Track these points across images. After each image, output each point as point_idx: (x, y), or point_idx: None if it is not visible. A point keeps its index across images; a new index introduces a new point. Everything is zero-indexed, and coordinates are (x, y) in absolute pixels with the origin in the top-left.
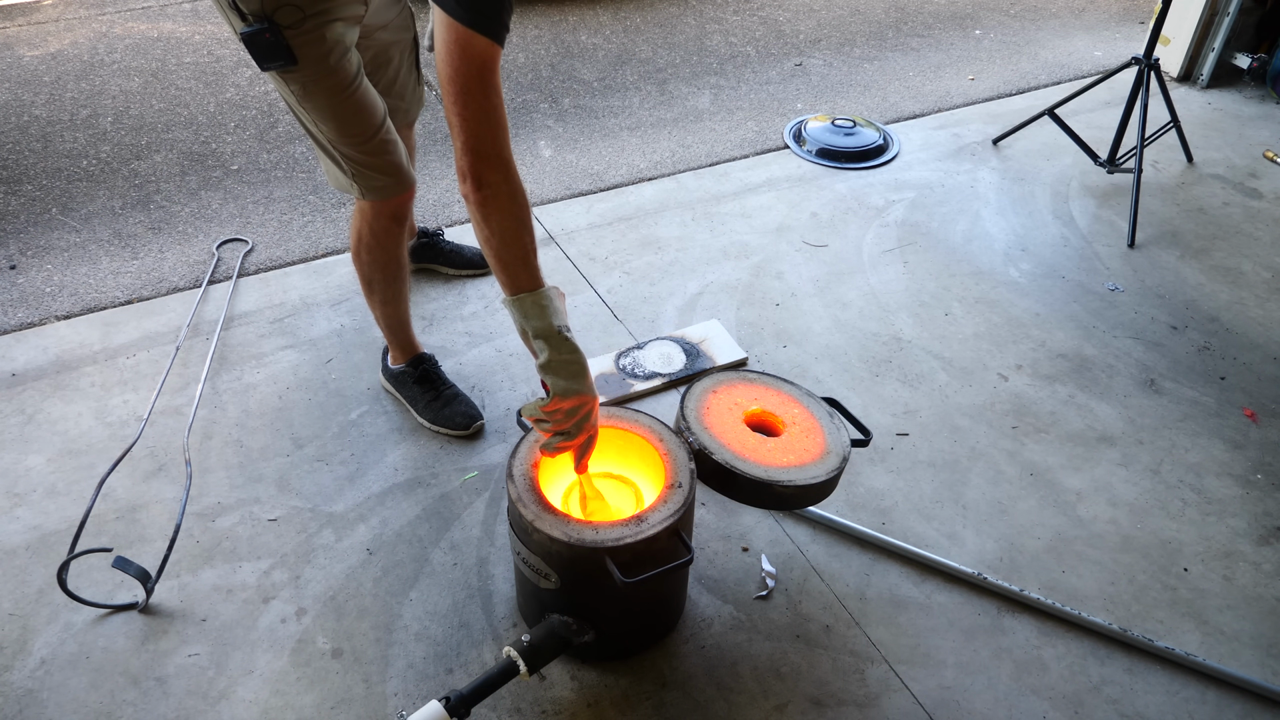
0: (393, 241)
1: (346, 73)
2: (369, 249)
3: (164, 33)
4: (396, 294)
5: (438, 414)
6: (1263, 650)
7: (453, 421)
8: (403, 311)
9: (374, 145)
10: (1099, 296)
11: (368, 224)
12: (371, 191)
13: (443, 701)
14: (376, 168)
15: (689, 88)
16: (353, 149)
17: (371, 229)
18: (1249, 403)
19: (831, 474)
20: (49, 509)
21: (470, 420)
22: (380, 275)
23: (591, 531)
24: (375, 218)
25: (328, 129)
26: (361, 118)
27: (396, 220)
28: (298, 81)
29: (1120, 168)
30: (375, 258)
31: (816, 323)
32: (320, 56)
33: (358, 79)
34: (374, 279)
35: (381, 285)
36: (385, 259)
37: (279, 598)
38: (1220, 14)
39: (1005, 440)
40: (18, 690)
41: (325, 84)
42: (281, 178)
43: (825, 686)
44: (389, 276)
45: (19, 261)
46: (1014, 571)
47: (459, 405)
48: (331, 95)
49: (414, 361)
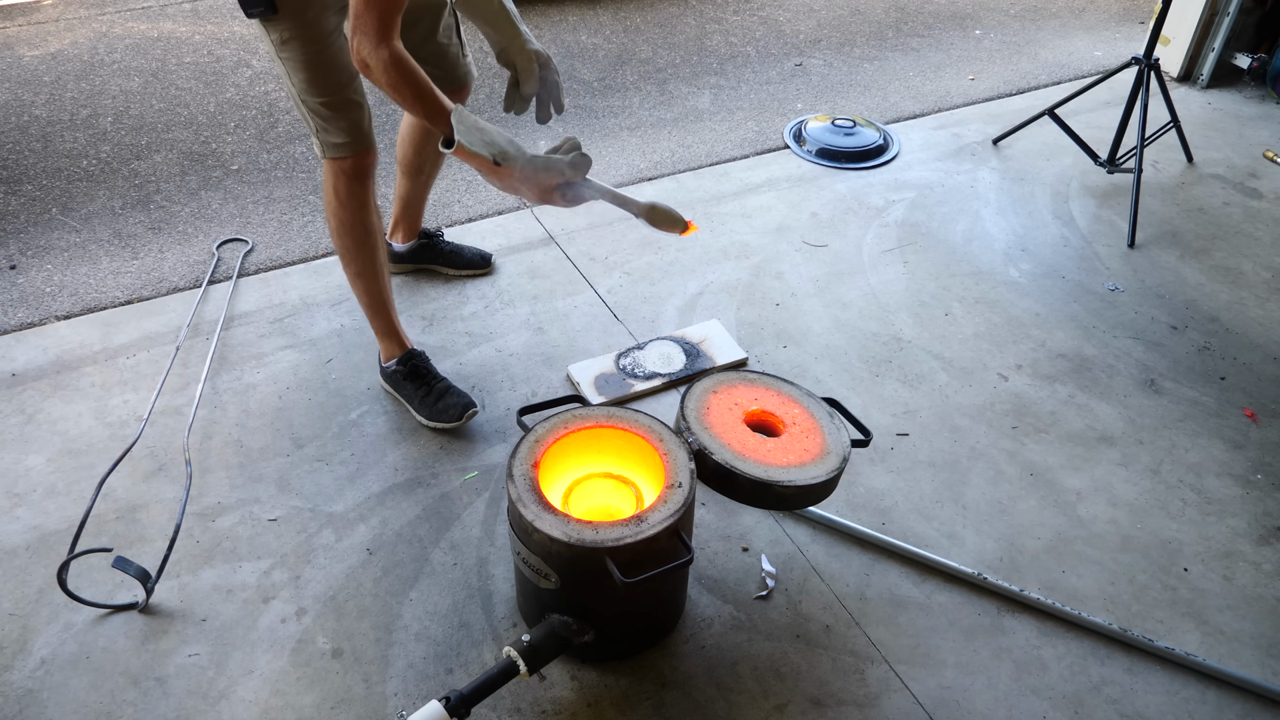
0: (357, 204)
1: (322, 28)
2: (335, 212)
3: (164, 33)
4: (369, 266)
5: (431, 409)
6: (1263, 650)
7: (446, 415)
8: (379, 291)
9: (338, 101)
10: (1099, 296)
11: (331, 184)
12: (330, 148)
13: (443, 701)
14: (337, 124)
15: (689, 88)
16: (318, 102)
17: (335, 189)
18: (1249, 403)
19: (831, 474)
20: (49, 509)
21: (463, 410)
22: (351, 243)
23: (591, 531)
24: (336, 176)
25: (299, 79)
26: (330, 73)
27: (358, 179)
28: (277, 30)
29: (1120, 168)
30: (342, 220)
31: (816, 323)
32: (299, 9)
33: (333, 36)
34: (346, 248)
35: (354, 255)
36: (352, 221)
37: (279, 598)
38: (1220, 14)
39: (1005, 440)
40: (18, 690)
41: (302, 36)
42: (281, 178)
43: (825, 686)
44: (359, 243)
45: (19, 261)
46: (1014, 571)
47: (451, 397)
48: (305, 47)
49: (404, 358)
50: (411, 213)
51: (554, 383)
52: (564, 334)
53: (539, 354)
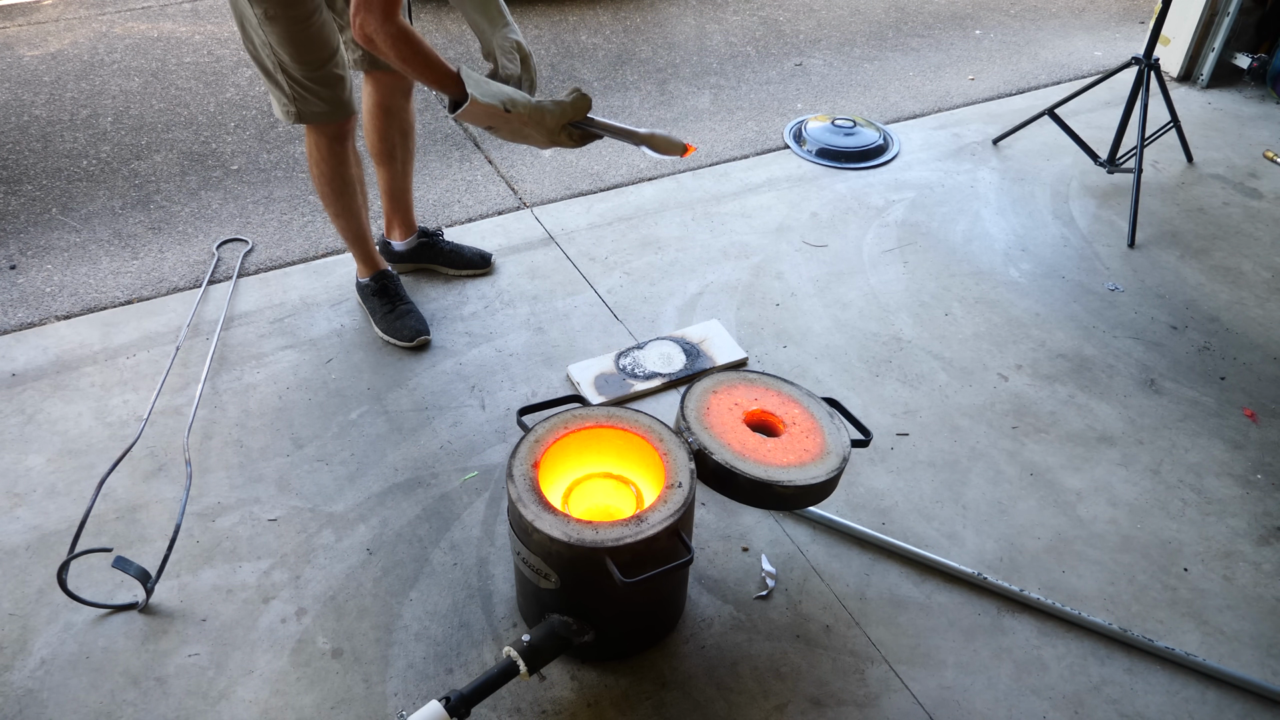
0: (336, 160)
1: (306, 6)
2: (315, 165)
3: (164, 33)
4: (347, 209)
5: (390, 325)
6: (1263, 650)
7: (400, 333)
8: (356, 226)
9: (322, 75)
10: (1099, 296)
11: (313, 143)
12: (310, 116)
13: (443, 701)
14: (319, 95)
15: (689, 88)
16: (302, 74)
17: (316, 147)
18: (1249, 403)
19: (831, 474)
20: (49, 509)
21: (415, 334)
22: (329, 190)
23: (591, 531)
24: (317, 138)
25: (285, 53)
26: (315, 48)
27: (337, 141)
28: (261, 5)
29: (1120, 168)
30: (322, 173)
31: (816, 323)
32: None
33: (317, 14)
34: (325, 194)
35: (332, 200)
36: (330, 175)
37: (279, 598)
38: (1220, 14)
39: (1005, 440)
40: (18, 690)
41: (287, 13)
42: (281, 178)
43: (825, 686)
44: (336, 191)
45: (19, 261)
46: (1014, 571)
47: (409, 320)
48: (291, 25)
49: (376, 276)
50: (400, 205)
51: (554, 383)
52: (564, 334)
53: (539, 354)
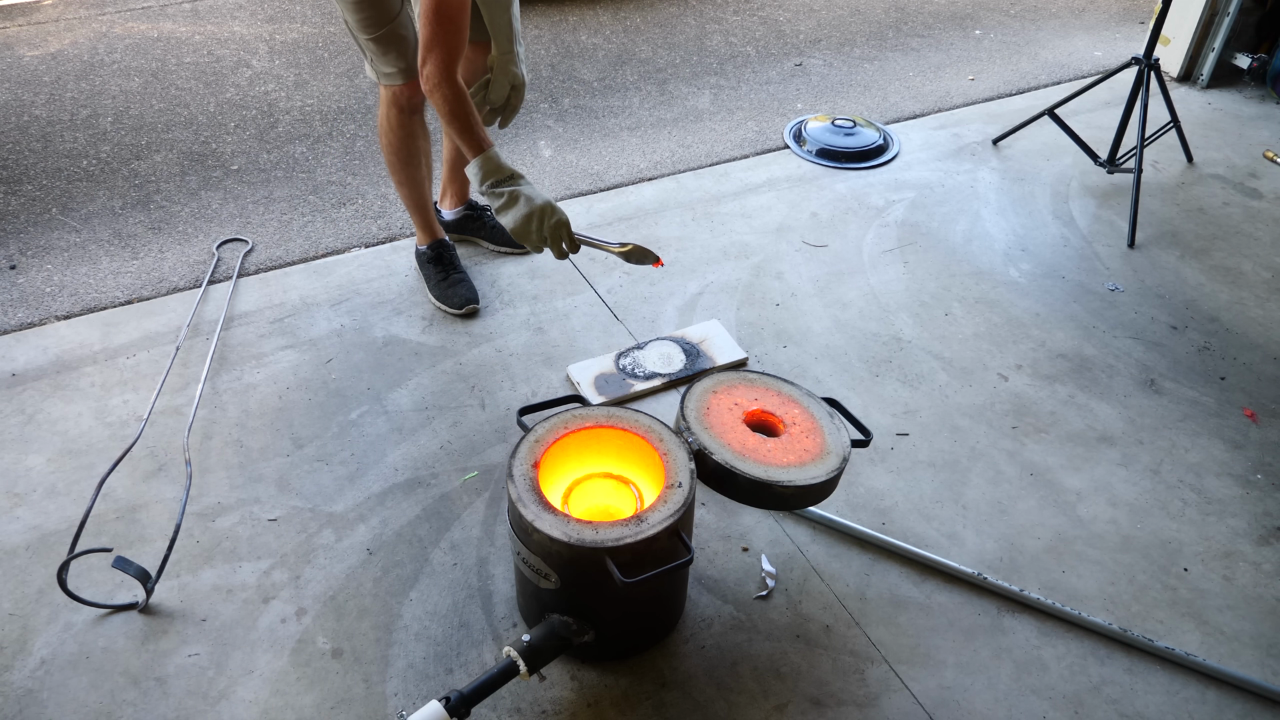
0: (403, 130)
1: None
2: (383, 133)
3: (164, 33)
4: (411, 178)
5: (442, 292)
6: (1263, 650)
7: (450, 300)
8: (419, 196)
9: (381, 37)
10: (1099, 296)
11: (384, 112)
12: (383, 77)
13: (443, 701)
14: (383, 58)
15: (689, 88)
16: (367, 38)
17: (387, 118)
18: (1249, 403)
19: (831, 474)
20: (49, 509)
21: (465, 301)
22: (396, 160)
23: (591, 531)
24: (388, 105)
25: (350, 17)
26: (373, 13)
27: (402, 109)
28: None
29: (1120, 168)
30: (389, 142)
31: (816, 323)
32: None
33: None
34: (392, 163)
35: (399, 169)
36: (398, 145)
37: (279, 598)
38: (1220, 14)
39: (1005, 440)
40: (18, 690)
41: None
42: (281, 178)
43: (825, 686)
44: (403, 161)
45: (19, 261)
46: (1014, 571)
47: (461, 289)
48: None
49: (434, 245)
50: (458, 175)
51: (554, 383)
52: (564, 334)
53: (539, 354)
